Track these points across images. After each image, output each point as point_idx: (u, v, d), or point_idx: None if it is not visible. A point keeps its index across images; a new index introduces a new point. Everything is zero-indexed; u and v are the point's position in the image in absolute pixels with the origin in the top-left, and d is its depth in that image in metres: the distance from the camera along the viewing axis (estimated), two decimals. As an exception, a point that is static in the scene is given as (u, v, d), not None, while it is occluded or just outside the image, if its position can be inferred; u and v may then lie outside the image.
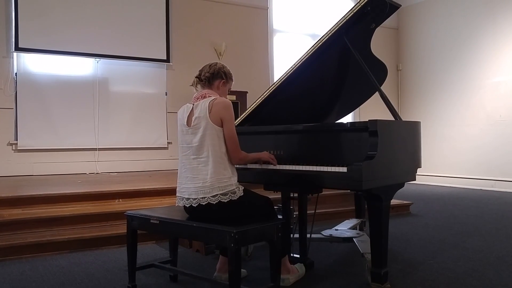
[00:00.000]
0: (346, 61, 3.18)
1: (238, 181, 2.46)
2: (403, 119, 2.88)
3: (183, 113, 2.51)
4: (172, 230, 2.53)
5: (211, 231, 2.26)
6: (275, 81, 3.10)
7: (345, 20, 2.85)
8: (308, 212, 3.10)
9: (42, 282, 2.83)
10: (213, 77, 2.56)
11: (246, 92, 6.90)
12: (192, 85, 2.61)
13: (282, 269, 2.58)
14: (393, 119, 2.79)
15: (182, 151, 2.50)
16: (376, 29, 3.07)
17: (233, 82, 2.68)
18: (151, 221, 2.52)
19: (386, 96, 2.88)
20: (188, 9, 7.50)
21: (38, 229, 3.69)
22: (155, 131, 7.20)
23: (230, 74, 2.64)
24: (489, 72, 7.66)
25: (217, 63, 2.61)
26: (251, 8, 8.02)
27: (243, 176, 2.76)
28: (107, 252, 3.54)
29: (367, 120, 2.47)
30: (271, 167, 2.72)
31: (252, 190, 2.55)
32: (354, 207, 4.13)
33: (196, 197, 2.38)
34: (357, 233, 3.45)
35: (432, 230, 4.25)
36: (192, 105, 2.49)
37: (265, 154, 2.70)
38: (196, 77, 2.59)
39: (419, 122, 2.98)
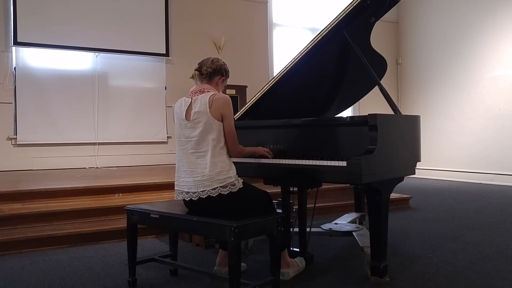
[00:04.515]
0: (346, 55, 3.18)
1: (238, 176, 2.46)
2: (403, 113, 2.87)
3: (180, 107, 2.51)
4: (172, 224, 2.53)
5: (211, 225, 2.26)
6: (274, 75, 3.10)
7: (344, 14, 2.84)
8: (307, 206, 3.11)
9: (43, 276, 2.84)
10: (215, 73, 2.57)
11: (246, 86, 6.89)
12: (192, 77, 2.62)
13: (282, 263, 2.58)
14: (392, 113, 2.79)
15: (180, 145, 2.51)
16: (376, 23, 3.06)
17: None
18: (151, 215, 2.52)
19: (385, 90, 2.88)
20: (187, 3, 7.47)
21: (38, 223, 3.70)
22: (155, 125, 7.20)
23: (229, 72, 2.67)
24: (488, 66, 7.64)
25: (219, 59, 2.62)
26: (251, 2, 8.00)
27: (243, 170, 2.77)
28: (107, 247, 3.54)
29: (367, 114, 2.47)
30: (263, 160, 2.75)
31: (252, 184, 2.55)
32: (353, 201, 4.14)
33: (196, 191, 2.38)
34: (357, 227, 3.46)
35: (432, 223, 4.26)
36: (190, 99, 2.49)
37: (260, 149, 2.76)
38: (196, 70, 2.59)
39: (419, 116, 2.97)
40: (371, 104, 4.83)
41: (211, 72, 2.56)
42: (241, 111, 3.28)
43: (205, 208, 2.39)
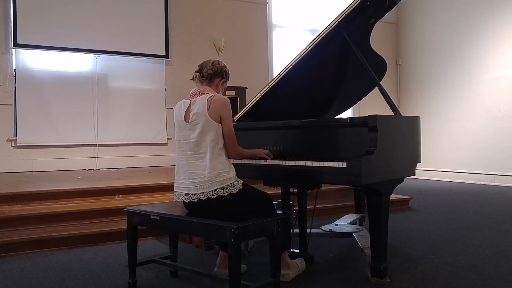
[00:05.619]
0: (346, 56, 3.18)
1: (238, 176, 2.47)
2: (403, 114, 2.88)
3: (180, 108, 2.52)
4: (172, 225, 2.53)
5: (211, 227, 2.26)
6: (274, 77, 3.10)
7: (344, 15, 2.84)
8: (308, 207, 3.11)
9: (43, 278, 2.83)
10: (215, 75, 2.58)
11: (246, 87, 6.89)
12: (192, 79, 2.63)
13: (282, 264, 2.59)
14: (392, 114, 2.79)
15: (179, 147, 2.51)
16: (376, 24, 3.06)
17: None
18: (151, 217, 2.52)
19: (385, 91, 2.88)
20: (187, 5, 7.47)
21: (38, 225, 3.70)
22: (155, 127, 7.20)
23: (229, 74, 2.67)
24: (488, 67, 7.65)
25: (219, 61, 2.63)
26: (250, 3, 8.00)
27: (243, 171, 2.77)
28: (107, 248, 3.54)
29: (367, 115, 2.48)
30: (263, 162, 2.76)
31: (252, 185, 2.55)
32: (353, 202, 4.14)
33: (195, 193, 2.38)
34: (357, 228, 3.46)
35: (432, 224, 4.26)
36: (189, 101, 2.50)
37: (259, 151, 2.76)
38: (197, 72, 2.60)
39: (419, 117, 2.98)
40: (371, 105, 4.83)
41: (212, 74, 2.57)
42: (240, 112, 3.28)
43: (205, 210, 2.39)
